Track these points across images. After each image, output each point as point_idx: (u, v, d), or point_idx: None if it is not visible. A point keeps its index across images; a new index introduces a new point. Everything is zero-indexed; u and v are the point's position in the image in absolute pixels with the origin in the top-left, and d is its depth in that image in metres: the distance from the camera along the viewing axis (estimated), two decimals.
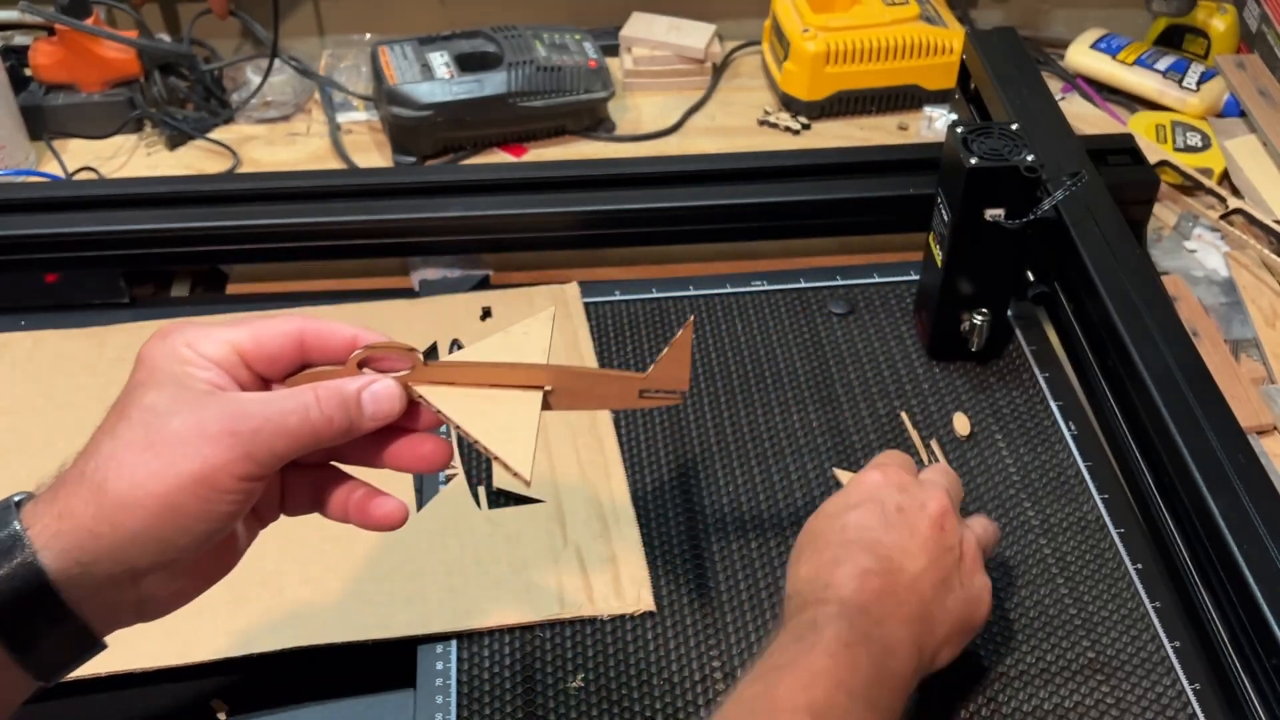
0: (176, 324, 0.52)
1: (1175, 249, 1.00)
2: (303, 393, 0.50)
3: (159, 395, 0.48)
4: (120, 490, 0.46)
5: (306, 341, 0.52)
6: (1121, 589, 0.72)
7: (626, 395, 0.56)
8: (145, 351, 0.51)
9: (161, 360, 0.50)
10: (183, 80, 1.12)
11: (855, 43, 1.11)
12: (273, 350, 0.52)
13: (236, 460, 0.47)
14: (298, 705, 0.67)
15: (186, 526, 0.47)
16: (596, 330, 0.88)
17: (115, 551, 0.46)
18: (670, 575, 0.72)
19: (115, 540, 0.46)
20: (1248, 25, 1.20)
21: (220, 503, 0.47)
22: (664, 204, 0.93)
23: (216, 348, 0.51)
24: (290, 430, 0.49)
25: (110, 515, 0.46)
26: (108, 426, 0.49)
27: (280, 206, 0.93)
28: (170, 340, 0.51)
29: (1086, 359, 0.82)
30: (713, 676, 0.67)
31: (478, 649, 0.69)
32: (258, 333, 0.52)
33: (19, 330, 0.89)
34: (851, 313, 0.90)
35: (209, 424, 0.47)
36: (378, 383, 0.52)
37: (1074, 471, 0.79)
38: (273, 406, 0.49)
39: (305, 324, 0.52)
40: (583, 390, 0.55)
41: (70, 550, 0.46)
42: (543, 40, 1.11)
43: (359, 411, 0.51)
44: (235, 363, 0.51)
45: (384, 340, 0.53)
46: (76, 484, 0.47)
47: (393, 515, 0.54)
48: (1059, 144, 0.92)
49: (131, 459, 0.47)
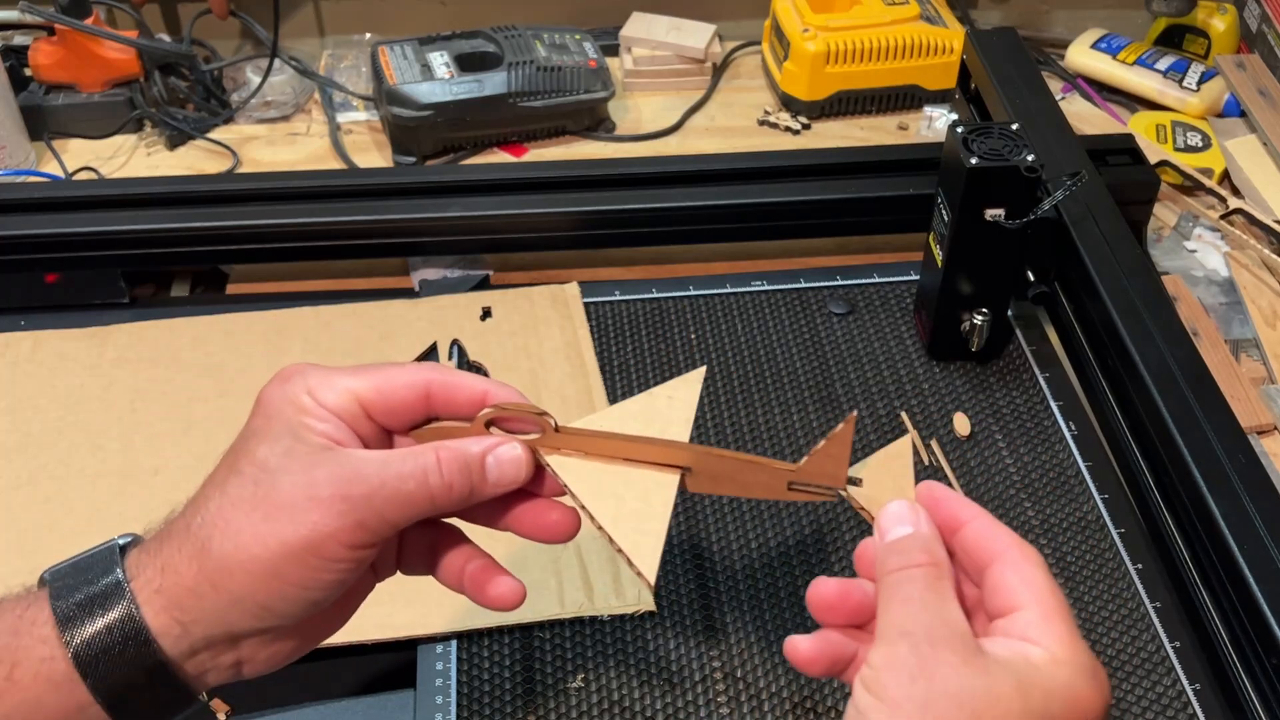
0: (299, 367, 0.49)
1: (1175, 249, 1.00)
2: (423, 454, 0.47)
3: (272, 449, 0.46)
4: (225, 551, 0.44)
5: (433, 394, 0.49)
6: (1122, 589, 0.72)
7: (774, 486, 0.50)
8: (264, 395, 0.48)
9: (280, 407, 0.47)
10: (183, 80, 1.12)
11: (855, 43, 1.11)
12: (396, 403, 0.49)
13: (347, 529, 0.45)
14: (298, 705, 0.67)
15: (291, 595, 0.45)
16: (596, 330, 0.88)
17: (215, 614, 0.45)
18: (670, 575, 0.72)
19: (216, 603, 0.45)
20: (1248, 25, 1.20)
21: (328, 571, 0.45)
22: (664, 204, 0.93)
23: (338, 397, 0.48)
24: (407, 496, 0.46)
25: (212, 577, 0.44)
26: (218, 478, 0.46)
27: (280, 206, 0.93)
28: (290, 386, 0.48)
29: (1087, 359, 0.82)
30: (713, 677, 0.67)
31: (478, 649, 0.69)
32: (382, 383, 0.48)
33: (19, 330, 0.89)
34: (851, 313, 0.90)
35: (320, 487, 0.45)
36: (503, 447, 0.49)
37: (1074, 471, 0.79)
38: (389, 470, 0.46)
39: (433, 376, 0.49)
40: (725, 475, 0.50)
41: (170, 608, 0.45)
42: (543, 40, 1.11)
43: (482, 477, 0.48)
44: (357, 414, 0.48)
45: (515, 400, 0.49)
46: (182, 538, 0.45)
47: (508, 597, 0.52)
48: (1059, 144, 0.92)
49: (238, 519, 0.45)
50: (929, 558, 0.45)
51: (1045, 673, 0.42)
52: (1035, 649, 0.43)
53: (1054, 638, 0.43)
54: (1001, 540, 0.46)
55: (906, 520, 0.47)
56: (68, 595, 0.45)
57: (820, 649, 0.48)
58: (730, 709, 0.66)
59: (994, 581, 0.45)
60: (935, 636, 0.42)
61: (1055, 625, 0.43)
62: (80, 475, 0.78)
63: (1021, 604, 0.44)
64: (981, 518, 0.47)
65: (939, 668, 0.41)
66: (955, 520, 0.47)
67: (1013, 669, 0.42)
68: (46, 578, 0.47)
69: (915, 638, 0.42)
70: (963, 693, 0.41)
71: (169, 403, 0.83)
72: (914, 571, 0.45)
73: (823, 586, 0.48)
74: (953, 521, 0.47)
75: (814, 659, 0.48)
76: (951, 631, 0.43)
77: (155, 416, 0.82)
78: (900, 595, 0.44)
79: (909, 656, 0.42)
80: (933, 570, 0.45)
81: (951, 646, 0.42)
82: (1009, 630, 0.44)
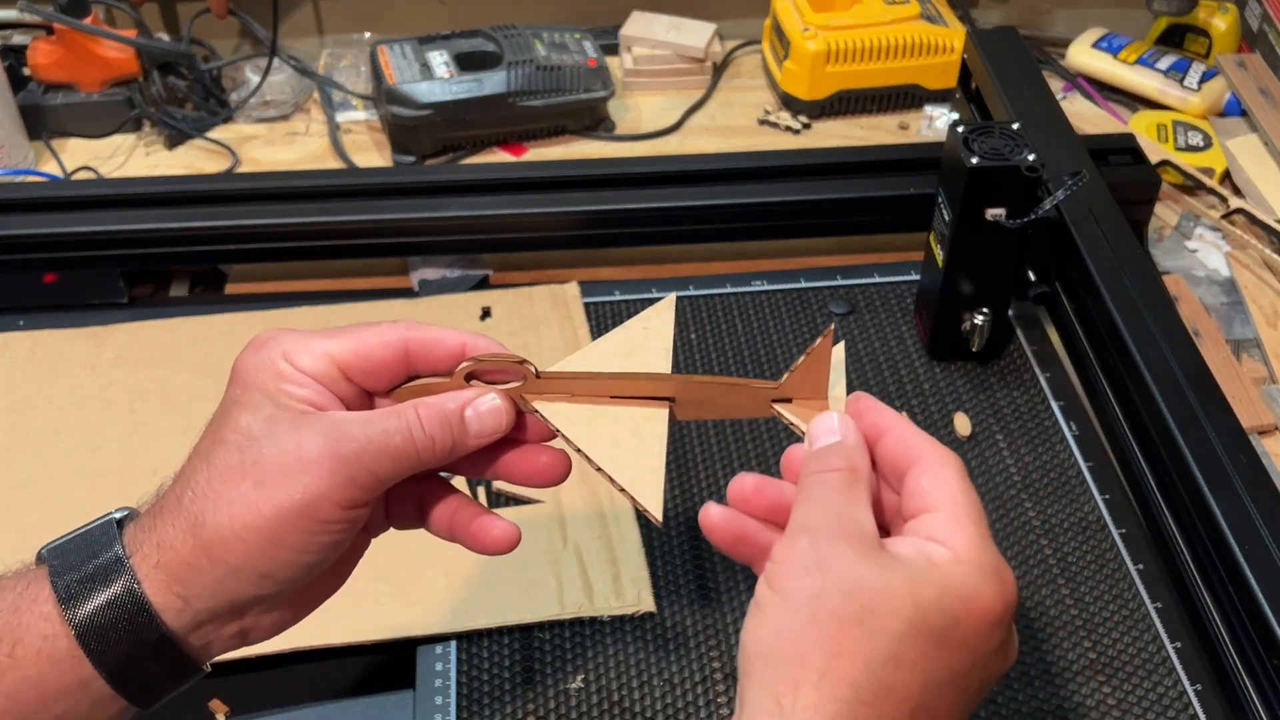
0: (272, 334, 0.48)
1: (1176, 249, 1.00)
2: (404, 411, 0.47)
3: (254, 416, 0.46)
4: (218, 523, 0.44)
5: (411, 351, 0.49)
6: (1123, 589, 0.72)
7: (757, 405, 0.51)
8: (240, 364, 0.48)
9: (256, 375, 0.47)
10: (182, 80, 1.12)
11: (856, 42, 1.11)
12: (375, 363, 0.48)
13: (339, 487, 0.45)
14: (298, 705, 0.66)
15: (289, 559, 0.45)
16: (596, 330, 0.88)
17: (215, 585, 0.45)
18: (670, 575, 0.72)
19: (215, 575, 0.45)
20: (1249, 24, 1.20)
21: (323, 533, 0.45)
22: (664, 204, 0.93)
23: (315, 361, 0.47)
24: (395, 451, 0.46)
25: (209, 550, 0.44)
26: (203, 449, 0.46)
27: (280, 206, 0.93)
28: (265, 352, 0.47)
29: (1087, 359, 0.82)
30: (713, 677, 0.67)
31: (478, 649, 0.68)
32: (359, 344, 0.48)
33: (18, 330, 0.89)
34: (852, 313, 0.90)
35: (308, 449, 0.45)
36: (481, 399, 0.49)
37: (1075, 472, 0.79)
38: (374, 428, 0.46)
39: (410, 333, 0.49)
40: (709, 400, 0.51)
41: (171, 583, 0.45)
42: (542, 40, 1.11)
43: (463, 430, 0.48)
44: (335, 376, 0.48)
45: (492, 351, 0.49)
46: (175, 513, 0.45)
47: (505, 538, 0.51)
48: (1060, 143, 0.91)
49: (229, 490, 0.44)
50: (846, 464, 0.46)
51: (944, 570, 0.43)
52: (938, 549, 0.43)
53: (961, 538, 0.44)
54: (918, 446, 0.47)
55: (836, 431, 0.48)
56: (68, 572, 0.45)
57: (730, 520, 0.49)
58: (730, 709, 0.66)
59: (910, 486, 0.46)
60: (834, 532, 0.43)
61: (964, 526, 0.44)
62: (79, 475, 0.78)
63: (932, 506, 0.45)
64: (901, 425, 0.48)
65: (833, 561, 0.42)
66: (877, 429, 0.48)
67: (910, 566, 0.42)
68: (45, 554, 0.47)
69: (815, 533, 0.43)
70: (854, 585, 0.41)
71: (168, 403, 0.83)
72: (829, 475, 0.46)
73: (742, 479, 0.49)
74: (875, 430, 0.48)
75: (719, 525, 0.49)
76: (853, 529, 0.44)
77: (154, 416, 0.82)
78: (812, 496, 0.45)
79: (807, 550, 0.43)
80: (848, 474, 0.46)
81: (849, 542, 0.43)
82: (917, 530, 0.45)
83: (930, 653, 0.41)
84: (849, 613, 0.41)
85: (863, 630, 0.41)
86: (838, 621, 0.41)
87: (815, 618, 0.41)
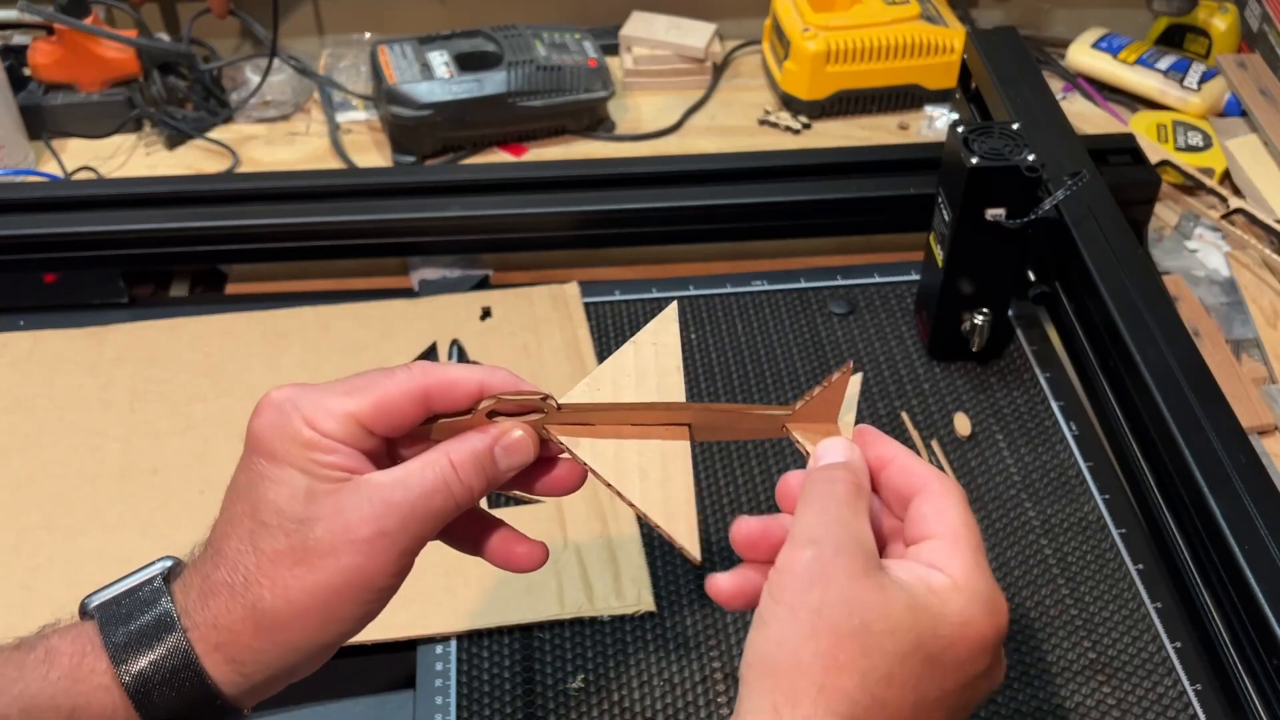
0: (285, 394, 0.47)
1: (1176, 249, 1.00)
2: (438, 463, 0.48)
3: (292, 495, 0.46)
4: (276, 609, 0.45)
5: (431, 396, 0.49)
6: (1123, 589, 0.72)
7: (770, 429, 0.52)
8: (257, 430, 0.47)
9: (280, 446, 0.46)
10: (182, 80, 1.12)
11: (856, 42, 1.11)
12: (398, 417, 0.48)
13: (391, 561, 0.46)
14: (298, 705, 0.66)
15: (345, 628, 0.47)
16: (596, 330, 0.88)
17: (276, 661, 0.47)
18: (670, 575, 0.72)
19: (275, 653, 0.46)
20: (1249, 24, 1.20)
21: (377, 599, 0.47)
22: (664, 204, 0.93)
23: (339, 424, 0.47)
24: (437, 511, 0.47)
25: (269, 634, 0.46)
26: (243, 530, 0.46)
27: (280, 206, 0.93)
28: (286, 420, 0.46)
29: (1088, 359, 0.82)
30: (713, 677, 0.67)
31: (477, 649, 0.68)
32: (380, 399, 0.48)
33: (18, 330, 0.89)
34: (851, 313, 0.90)
35: (356, 529, 0.45)
36: (509, 436, 0.49)
37: (1075, 472, 0.79)
38: (414, 491, 0.47)
39: (428, 380, 0.48)
40: (724, 425, 0.52)
41: (231, 662, 0.46)
42: (542, 40, 1.11)
43: (494, 468, 0.49)
44: (359, 435, 0.47)
45: (512, 388, 0.50)
46: (228, 598, 0.46)
47: (533, 557, 0.53)
48: (1060, 144, 0.91)
49: (283, 575, 0.45)
50: (852, 476, 0.47)
51: (941, 596, 0.44)
52: (937, 575, 0.45)
53: (958, 565, 0.45)
54: (923, 475, 0.48)
55: (841, 453, 0.49)
56: (129, 656, 0.45)
57: (739, 585, 0.49)
58: (730, 709, 0.65)
59: (913, 513, 0.47)
60: (839, 547, 0.44)
61: (962, 554, 0.45)
62: (79, 475, 0.78)
63: (933, 533, 0.46)
64: (905, 455, 0.49)
65: (837, 576, 0.43)
66: (881, 459, 0.49)
67: (909, 590, 0.44)
68: (95, 615, 0.47)
69: (820, 545, 0.44)
70: (855, 602, 0.43)
71: (168, 403, 0.83)
72: (836, 486, 0.47)
73: (745, 524, 0.49)
74: (879, 460, 0.49)
75: (733, 595, 0.49)
76: (857, 546, 0.44)
77: (154, 416, 0.82)
78: (817, 504, 0.46)
79: (812, 563, 0.44)
80: (853, 487, 0.47)
81: (853, 559, 0.44)
82: (917, 555, 0.46)
83: (923, 673, 0.43)
84: (848, 629, 0.42)
85: (861, 647, 0.42)
86: (837, 637, 0.42)
87: (816, 631, 0.42)
